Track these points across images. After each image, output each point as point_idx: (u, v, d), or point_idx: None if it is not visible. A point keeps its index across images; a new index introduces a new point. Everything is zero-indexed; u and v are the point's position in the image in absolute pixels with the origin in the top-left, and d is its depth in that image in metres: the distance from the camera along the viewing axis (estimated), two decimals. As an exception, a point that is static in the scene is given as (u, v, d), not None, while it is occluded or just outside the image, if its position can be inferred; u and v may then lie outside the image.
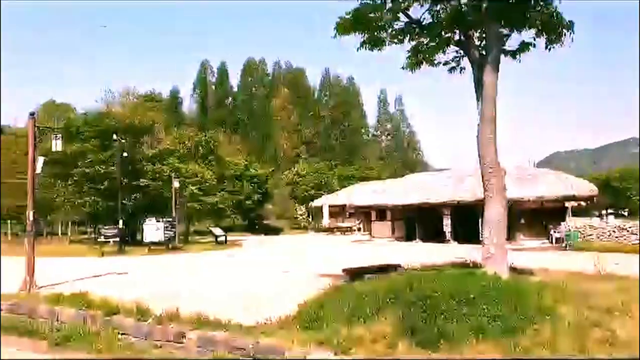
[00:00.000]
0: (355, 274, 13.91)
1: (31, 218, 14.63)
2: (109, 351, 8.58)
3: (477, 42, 10.59)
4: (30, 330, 9.78)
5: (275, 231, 54.11)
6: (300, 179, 57.08)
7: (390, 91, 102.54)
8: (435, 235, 32.37)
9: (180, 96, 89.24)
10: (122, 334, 9.17)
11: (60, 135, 15.16)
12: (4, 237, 36.22)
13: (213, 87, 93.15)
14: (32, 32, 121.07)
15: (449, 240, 31.50)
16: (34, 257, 14.24)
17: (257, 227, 53.62)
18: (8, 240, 35.93)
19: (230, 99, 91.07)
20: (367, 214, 41.97)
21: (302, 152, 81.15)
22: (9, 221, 40.37)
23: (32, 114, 14.72)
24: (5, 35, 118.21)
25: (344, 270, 14.14)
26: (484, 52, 10.27)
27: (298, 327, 8.11)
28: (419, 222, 34.06)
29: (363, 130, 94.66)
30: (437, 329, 7.07)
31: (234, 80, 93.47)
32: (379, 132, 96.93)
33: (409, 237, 34.46)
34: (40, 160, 14.82)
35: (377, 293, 8.64)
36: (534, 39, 10.60)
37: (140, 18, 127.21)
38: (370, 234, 37.60)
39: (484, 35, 10.46)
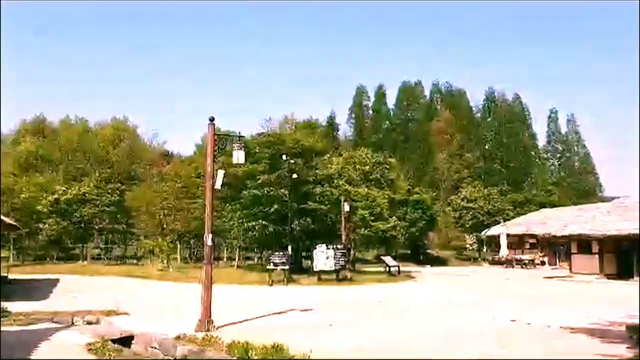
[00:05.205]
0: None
1: (209, 243, 12.38)
2: None
3: None
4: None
5: (441, 262, 49.28)
6: (469, 204, 51.54)
7: (560, 110, 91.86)
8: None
9: (337, 122, 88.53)
10: None
11: (242, 145, 12.74)
12: (172, 261, 36.09)
13: (370, 111, 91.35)
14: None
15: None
16: (211, 292, 11.86)
17: (421, 256, 49.33)
18: (177, 265, 35.89)
19: (387, 122, 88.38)
20: (559, 246, 36.01)
21: (464, 176, 75.18)
22: (178, 245, 40.92)
23: (211, 120, 12.57)
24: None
25: (628, 328, 9.92)
26: None
27: None
28: (638, 256, 27.74)
29: (533, 153, 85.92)
30: None
31: (390, 102, 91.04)
32: (549, 154, 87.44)
33: (623, 274, 28.16)
34: (220, 174, 12.56)
35: None
36: None
37: (300, 47, 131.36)
38: (570, 269, 31.51)
39: None
